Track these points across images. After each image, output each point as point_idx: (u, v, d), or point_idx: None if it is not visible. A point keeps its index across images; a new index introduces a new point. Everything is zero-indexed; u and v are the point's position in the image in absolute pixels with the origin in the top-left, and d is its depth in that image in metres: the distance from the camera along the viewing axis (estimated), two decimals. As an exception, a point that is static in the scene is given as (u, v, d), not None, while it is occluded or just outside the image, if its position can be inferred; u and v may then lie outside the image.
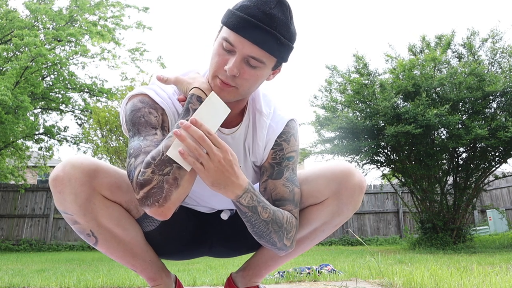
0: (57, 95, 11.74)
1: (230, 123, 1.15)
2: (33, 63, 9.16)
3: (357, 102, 6.85)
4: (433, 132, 6.53)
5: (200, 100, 1.00)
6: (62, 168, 0.98)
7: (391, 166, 7.43)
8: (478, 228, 9.58)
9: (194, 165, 0.90)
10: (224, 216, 1.28)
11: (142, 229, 1.13)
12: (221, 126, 1.14)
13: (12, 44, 8.98)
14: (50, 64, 9.90)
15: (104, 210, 1.03)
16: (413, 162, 6.98)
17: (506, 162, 6.75)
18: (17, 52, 9.47)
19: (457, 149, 6.85)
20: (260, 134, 1.15)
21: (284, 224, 1.04)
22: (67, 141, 12.03)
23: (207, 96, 1.00)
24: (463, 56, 6.87)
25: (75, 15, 10.22)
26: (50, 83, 11.52)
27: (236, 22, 0.96)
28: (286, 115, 1.20)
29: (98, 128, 9.47)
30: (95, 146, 9.97)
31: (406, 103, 6.54)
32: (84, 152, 11.98)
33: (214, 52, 1.02)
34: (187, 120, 0.91)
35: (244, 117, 1.16)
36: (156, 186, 0.89)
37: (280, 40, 0.97)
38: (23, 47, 9.02)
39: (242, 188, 0.96)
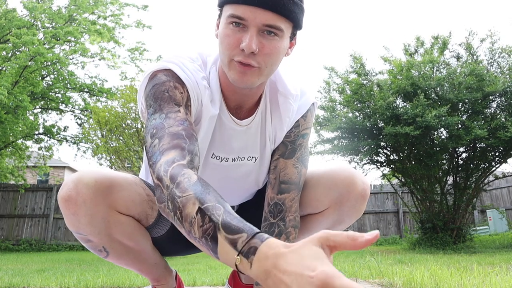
0: (56, 94, 11.74)
1: (245, 113, 1.06)
2: (32, 62, 9.14)
3: (356, 102, 6.84)
4: (432, 132, 6.52)
5: None
6: (74, 186, 0.89)
7: (391, 166, 7.43)
8: (478, 228, 9.58)
9: None
10: None
11: (150, 235, 1.11)
12: (235, 117, 1.04)
13: (10, 43, 8.96)
14: (49, 63, 9.89)
15: (118, 227, 0.98)
16: (413, 162, 6.98)
17: (506, 162, 6.75)
18: (16, 52, 9.46)
19: (457, 149, 6.85)
20: (285, 119, 1.07)
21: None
22: (67, 141, 12.02)
23: None
24: (461, 56, 6.86)
25: (74, 14, 10.21)
26: (50, 82, 11.50)
27: None
28: (311, 98, 1.13)
29: (98, 128, 9.47)
30: (95, 146, 9.98)
31: (405, 104, 6.54)
32: (84, 152, 11.98)
33: (222, 36, 0.90)
34: None
35: (260, 104, 1.07)
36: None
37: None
38: (22, 46, 9.01)
39: None
